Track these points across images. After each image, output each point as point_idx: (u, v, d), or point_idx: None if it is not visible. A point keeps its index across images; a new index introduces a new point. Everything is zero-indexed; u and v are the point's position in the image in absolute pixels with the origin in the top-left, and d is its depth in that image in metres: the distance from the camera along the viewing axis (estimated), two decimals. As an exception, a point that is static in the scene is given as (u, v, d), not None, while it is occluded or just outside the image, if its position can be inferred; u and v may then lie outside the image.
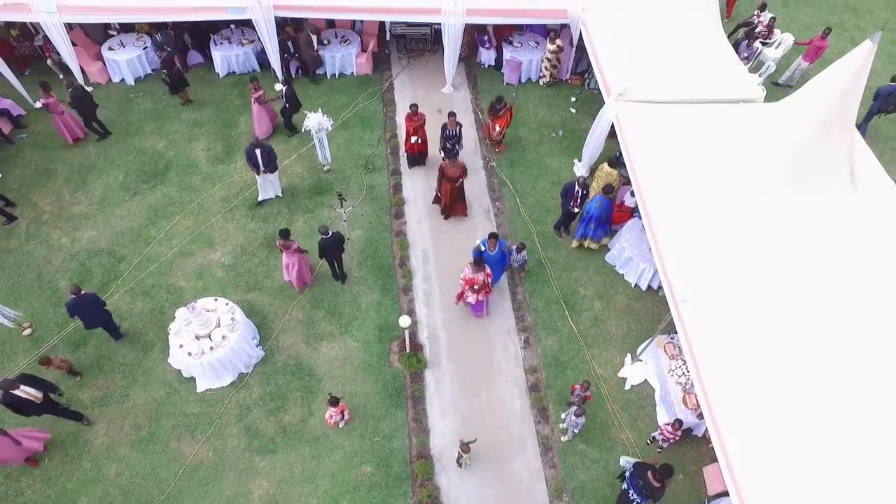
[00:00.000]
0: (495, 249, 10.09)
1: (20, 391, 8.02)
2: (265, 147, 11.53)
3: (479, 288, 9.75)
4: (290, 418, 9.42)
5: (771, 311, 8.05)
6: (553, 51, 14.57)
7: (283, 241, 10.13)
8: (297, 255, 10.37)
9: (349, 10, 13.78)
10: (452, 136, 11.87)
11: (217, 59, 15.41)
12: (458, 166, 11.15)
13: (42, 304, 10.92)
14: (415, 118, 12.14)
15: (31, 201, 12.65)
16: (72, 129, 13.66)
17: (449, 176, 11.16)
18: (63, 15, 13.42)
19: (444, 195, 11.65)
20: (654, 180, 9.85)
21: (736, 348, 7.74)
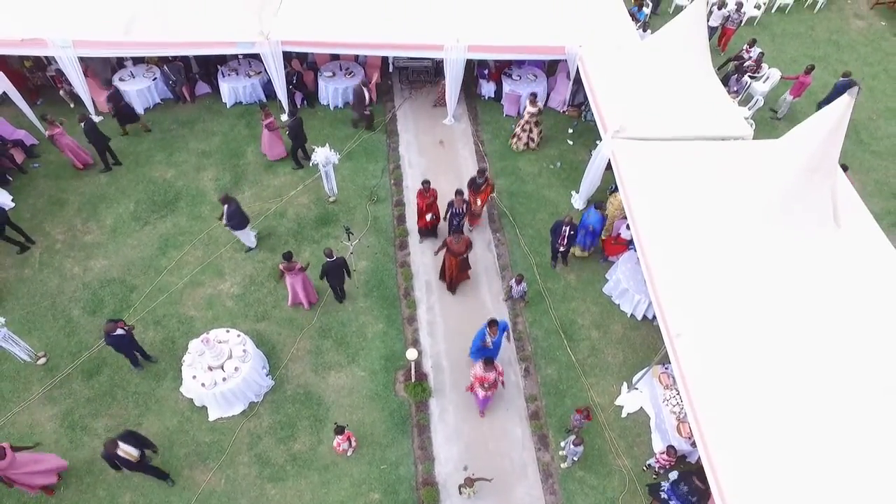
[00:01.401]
0: (497, 335, 9.88)
1: (120, 450, 8.22)
2: (231, 205, 11.57)
3: (490, 385, 9.46)
4: (299, 446, 9.74)
5: (760, 345, 8.50)
6: (533, 113, 14.19)
7: (286, 264, 10.63)
8: (300, 275, 10.86)
9: (355, 45, 14.29)
10: (458, 213, 11.82)
11: (224, 90, 15.86)
12: (462, 242, 11.06)
13: (55, 333, 11.22)
14: (426, 194, 11.87)
15: (44, 230, 12.99)
16: (79, 155, 14.05)
17: (454, 251, 11.03)
18: (77, 49, 13.87)
19: (448, 269, 11.54)
20: (648, 215, 10.31)
21: (727, 380, 8.17)
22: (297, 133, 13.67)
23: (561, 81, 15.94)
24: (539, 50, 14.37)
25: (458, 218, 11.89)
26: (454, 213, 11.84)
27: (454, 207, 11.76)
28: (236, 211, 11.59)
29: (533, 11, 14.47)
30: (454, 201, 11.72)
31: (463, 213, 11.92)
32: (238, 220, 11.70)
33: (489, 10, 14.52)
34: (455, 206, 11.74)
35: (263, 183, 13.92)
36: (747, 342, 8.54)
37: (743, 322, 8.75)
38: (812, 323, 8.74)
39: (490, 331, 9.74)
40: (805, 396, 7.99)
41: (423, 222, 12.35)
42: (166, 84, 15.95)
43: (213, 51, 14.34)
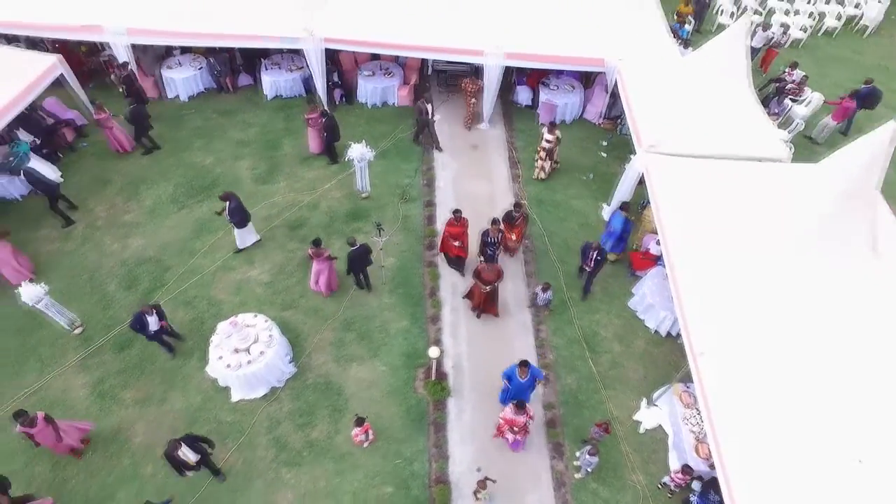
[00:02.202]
0: (526, 377, 9.40)
1: (181, 452, 8.43)
2: (232, 201, 11.76)
3: (520, 430, 9.24)
4: (317, 434, 9.90)
5: (787, 370, 8.38)
6: (550, 141, 13.80)
7: (314, 249, 10.96)
8: (326, 263, 11.17)
9: (396, 46, 14.54)
10: (493, 242, 11.42)
11: (266, 83, 16.28)
12: (494, 270, 10.77)
13: (92, 306, 11.61)
14: (457, 224, 11.50)
15: (88, 207, 13.49)
16: (120, 143, 14.64)
17: (484, 279, 10.76)
18: (131, 37, 14.38)
19: (476, 295, 11.24)
20: (679, 232, 10.27)
21: (750, 403, 8.07)
22: (331, 129, 13.92)
23: (598, 93, 15.96)
24: (578, 61, 14.44)
25: (492, 248, 11.45)
26: (489, 243, 11.41)
27: (489, 237, 11.37)
28: (237, 208, 11.79)
29: (573, 22, 14.58)
30: (489, 230, 11.36)
31: (498, 243, 11.51)
32: (239, 217, 11.89)
33: (529, 18, 14.67)
34: (490, 235, 11.36)
35: (297, 175, 14.23)
36: (773, 366, 8.42)
37: (770, 346, 8.64)
38: (843, 352, 8.59)
39: (520, 371, 9.31)
40: (831, 427, 7.85)
41: (451, 251, 11.92)
42: (211, 74, 16.44)
43: (258, 44, 14.75)
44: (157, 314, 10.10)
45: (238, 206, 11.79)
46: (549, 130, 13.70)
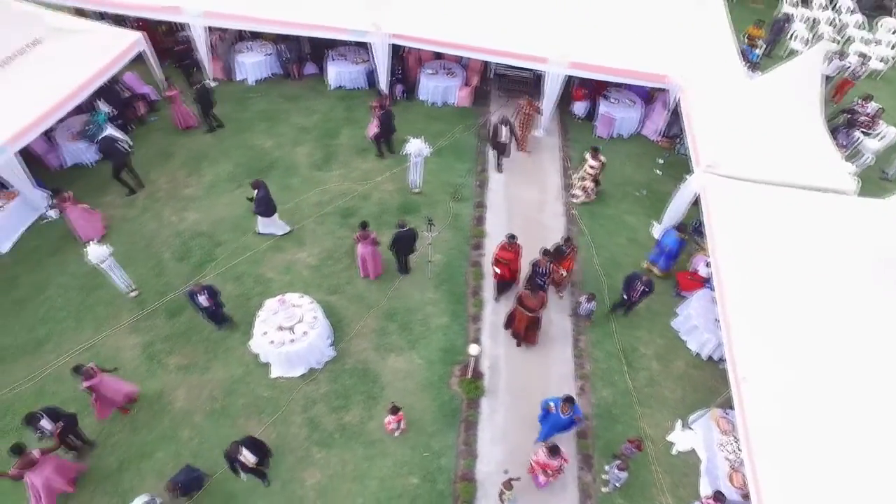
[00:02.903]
0: (568, 414, 8.96)
1: (241, 455, 8.64)
2: (261, 190, 12.00)
3: (553, 472, 8.93)
4: (350, 418, 10.06)
5: (832, 405, 8.14)
6: (594, 167, 13.52)
7: (361, 232, 11.23)
8: (371, 247, 11.41)
9: (461, 46, 14.70)
10: (543, 273, 11.05)
11: (331, 73, 16.68)
12: (538, 298, 10.48)
13: (147, 272, 12.09)
14: (510, 249, 11.21)
15: (151, 178, 14.06)
16: (184, 119, 15.24)
17: (527, 306, 10.50)
18: (207, 19, 14.96)
19: (517, 321, 10.95)
20: (732, 256, 10.09)
21: (793, 435, 7.87)
22: (386, 124, 14.11)
23: (658, 110, 15.78)
24: (641, 75, 14.32)
25: (542, 278, 11.05)
26: (539, 273, 11.04)
27: (539, 267, 11.01)
28: (265, 197, 12.04)
29: (639, 35, 14.43)
30: (539, 262, 11.02)
31: (548, 274, 11.13)
32: (265, 206, 12.12)
33: (595, 28, 14.61)
34: (540, 266, 11.00)
35: (352, 165, 14.52)
36: (819, 399, 8.20)
37: (817, 378, 8.41)
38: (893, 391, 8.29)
39: (563, 406, 8.88)
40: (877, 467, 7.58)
41: (499, 274, 11.59)
42: (278, 60, 16.95)
43: (327, 35, 15.11)
44: (207, 294, 10.39)
45: (266, 196, 12.03)
46: (592, 156, 13.43)
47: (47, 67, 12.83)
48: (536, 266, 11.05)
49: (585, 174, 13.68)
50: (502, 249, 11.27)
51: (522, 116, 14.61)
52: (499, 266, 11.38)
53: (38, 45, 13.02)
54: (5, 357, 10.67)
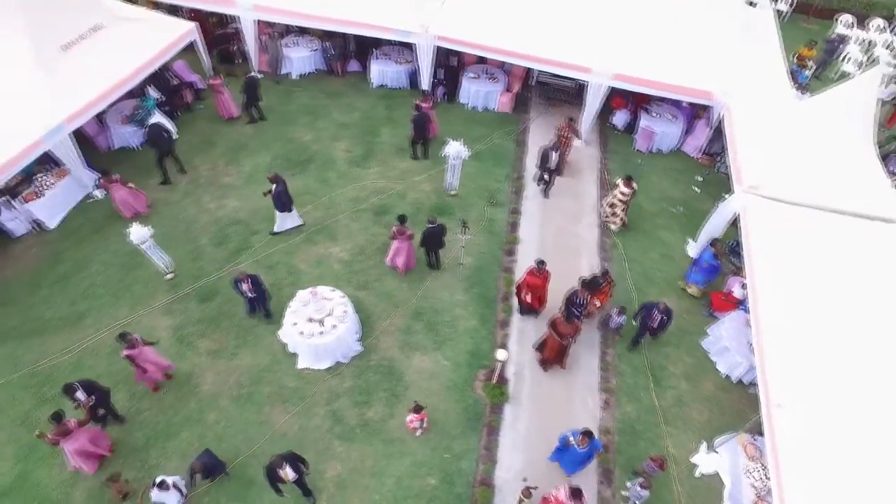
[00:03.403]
0: (585, 447, 8.82)
1: (282, 471, 8.52)
2: (279, 185, 12.03)
3: None
4: (372, 414, 10.12)
5: (868, 436, 7.90)
6: (626, 194, 13.02)
7: (398, 227, 11.40)
8: (406, 242, 11.56)
9: (505, 52, 14.71)
10: (581, 303, 10.72)
11: (374, 71, 16.86)
12: (572, 325, 10.28)
13: (184, 256, 12.36)
14: (538, 274, 10.94)
15: (193, 165, 14.40)
16: (227, 109, 15.55)
17: (560, 331, 10.26)
18: (257, 12, 15.28)
19: (549, 348, 10.67)
20: (769, 280, 9.88)
21: (825, 466, 7.66)
22: (418, 124, 14.11)
23: (700, 126, 15.56)
24: (685, 91, 14.11)
25: (579, 309, 10.72)
26: (576, 303, 10.68)
27: (577, 297, 10.68)
28: (283, 192, 12.12)
29: (685, 50, 14.19)
30: (577, 292, 10.71)
31: (585, 305, 10.82)
32: (282, 201, 12.21)
33: (640, 40, 14.43)
34: (578, 296, 10.67)
35: (390, 163, 14.64)
36: (854, 430, 7.96)
37: (854, 410, 8.16)
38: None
39: (580, 439, 8.73)
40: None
41: (524, 299, 11.36)
42: (323, 56, 17.20)
43: (374, 33, 15.30)
44: (250, 282, 10.57)
45: (284, 191, 12.12)
46: (625, 183, 12.94)
47: (105, 52, 13.30)
48: (574, 296, 10.70)
49: (616, 200, 13.24)
50: (530, 275, 11.00)
51: (561, 140, 14.18)
52: (526, 291, 11.15)
53: (99, 31, 13.47)
54: (47, 328, 11.04)
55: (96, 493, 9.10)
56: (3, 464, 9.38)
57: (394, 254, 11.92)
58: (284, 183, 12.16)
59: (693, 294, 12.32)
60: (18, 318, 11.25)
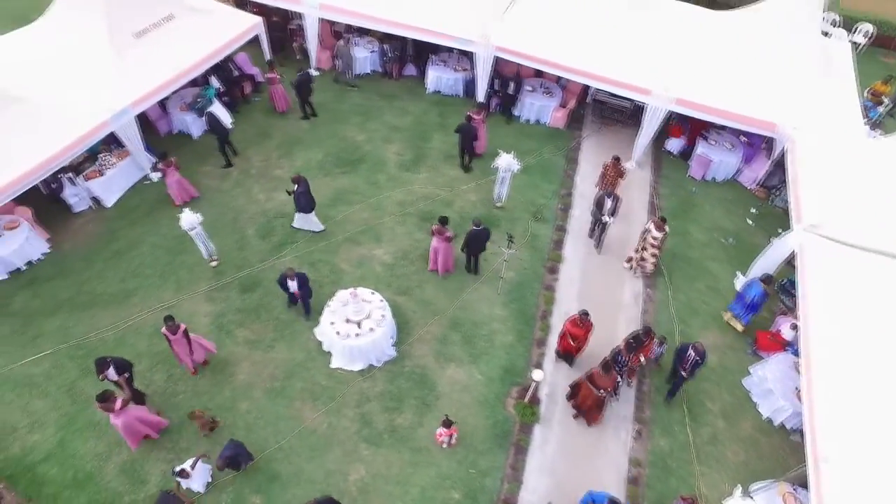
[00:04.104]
0: None
1: None
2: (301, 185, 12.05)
3: None
4: (401, 421, 10.09)
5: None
6: (657, 238, 12.03)
7: (438, 227, 11.39)
8: (445, 243, 11.54)
9: (563, 67, 14.56)
10: (623, 362, 10.08)
11: (430, 76, 16.93)
12: (610, 378, 9.67)
13: (229, 244, 12.61)
14: (581, 325, 10.35)
15: (247, 155, 14.70)
16: (280, 102, 15.84)
17: (596, 383, 9.74)
18: (322, 11, 15.53)
19: (583, 398, 10.15)
20: (825, 325, 9.47)
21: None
22: (464, 134, 13.99)
23: (758, 158, 15.12)
24: (748, 121, 13.69)
25: (621, 367, 10.10)
26: (618, 362, 10.07)
27: (621, 356, 10.07)
28: (304, 193, 12.14)
29: (751, 78, 13.80)
30: (621, 351, 10.11)
31: (628, 364, 10.24)
32: (304, 202, 12.22)
33: (703, 65, 14.12)
34: (622, 355, 10.07)
35: (440, 170, 14.65)
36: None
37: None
38: None
39: None
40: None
41: (563, 345, 10.88)
42: (381, 58, 17.33)
43: (434, 39, 15.33)
44: (297, 281, 10.67)
45: (305, 192, 12.14)
46: (657, 226, 11.93)
47: (174, 41, 13.75)
48: (618, 354, 10.12)
49: (647, 244, 12.26)
50: (573, 325, 10.45)
51: (607, 179, 13.44)
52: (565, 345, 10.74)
53: (171, 21, 13.93)
54: (97, 303, 11.41)
55: (128, 469, 9.33)
56: (47, 430, 9.71)
57: (434, 254, 11.93)
58: (307, 184, 12.24)
59: (737, 328, 11.92)
60: (72, 290, 11.65)
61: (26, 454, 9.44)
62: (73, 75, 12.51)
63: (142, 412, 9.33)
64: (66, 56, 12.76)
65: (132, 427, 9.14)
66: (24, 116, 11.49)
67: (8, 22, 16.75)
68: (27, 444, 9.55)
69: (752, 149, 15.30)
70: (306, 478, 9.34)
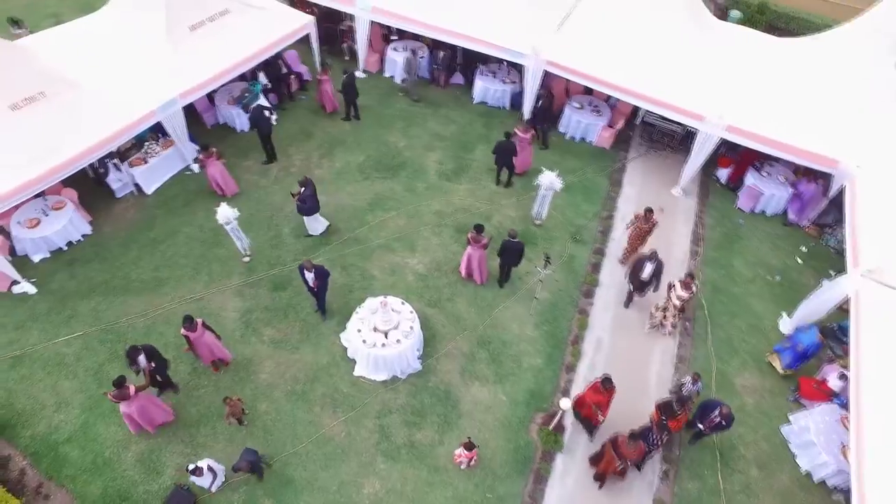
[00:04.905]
0: None
1: None
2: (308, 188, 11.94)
3: None
4: (421, 437, 9.85)
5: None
6: (682, 299, 10.96)
7: (474, 234, 11.21)
8: (480, 251, 11.37)
9: (614, 86, 14.14)
10: (653, 442, 9.07)
11: (477, 86, 16.74)
12: (637, 449, 8.88)
13: (263, 241, 12.61)
14: (604, 392, 9.37)
15: (287, 153, 14.74)
16: (329, 101, 15.84)
17: (621, 452, 8.98)
18: (374, 14, 15.51)
19: (604, 464, 9.36)
20: (880, 380, 8.88)
21: None
22: (502, 153, 13.65)
23: (813, 193, 14.39)
24: (806, 155, 13.01)
25: (652, 446, 9.13)
26: (648, 440, 9.05)
27: (652, 435, 9.05)
28: (310, 195, 12.01)
29: (813, 110, 13.13)
30: (653, 429, 9.09)
31: (660, 443, 9.21)
32: (309, 204, 12.08)
33: (763, 94, 13.55)
34: (654, 434, 9.04)
35: (480, 182, 14.42)
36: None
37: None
38: None
39: None
40: None
41: (584, 411, 9.95)
42: (428, 64, 17.21)
43: (484, 49, 15.09)
44: (315, 274, 10.48)
45: (311, 194, 12.02)
46: (684, 285, 10.88)
47: (227, 35, 13.93)
48: (648, 433, 9.09)
49: (669, 304, 11.30)
50: (594, 391, 9.48)
51: (636, 229, 12.29)
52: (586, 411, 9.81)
53: (226, 15, 14.08)
54: (130, 289, 11.54)
55: (145, 459, 9.33)
56: (72, 411, 9.81)
57: (466, 261, 11.72)
58: (313, 186, 12.14)
59: (778, 370, 11.33)
60: (108, 273, 11.80)
61: (51, 433, 9.56)
62: (127, 64, 12.78)
63: (155, 399, 9.44)
64: (123, 45, 13.05)
65: (147, 412, 9.21)
66: (78, 101, 11.74)
67: (76, 10, 17.35)
68: (53, 423, 9.67)
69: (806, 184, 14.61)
70: (319, 486, 9.19)
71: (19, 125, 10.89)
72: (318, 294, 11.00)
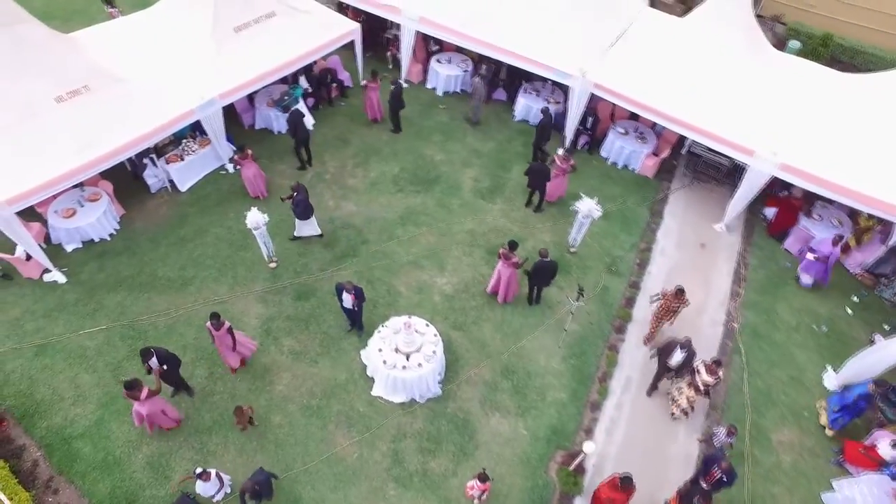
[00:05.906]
0: None
1: None
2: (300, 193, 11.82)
3: None
4: (434, 466, 9.47)
5: None
6: (708, 384, 9.78)
7: (506, 251, 10.88)
8: (511, 269, 11.01)
9: (661, 114, 13.60)
10: None
11: (519, 104, 16.40)
12: None
13: (290, 249, 12.47)
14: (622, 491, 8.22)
15: (322, 159, 14.62)
16: (374, 110, 15.65)
17: None
18: (420, 24, 15.32)
19: None
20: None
21: None
22: (535, 176, 13.23)
23: (871, 241, 13.57)
24: (867, 200, 12.11)
25: None
26: None
27: None
28: (302, 200, 11.79)
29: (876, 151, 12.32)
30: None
31: None
32: (301, 209, 11.88)
33: (820, 131, 12.80)
34: None
35: (516, 203, 14.02)
36: None
37: None
38: None
39: None
40: None
41: None
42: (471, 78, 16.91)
43: (530, 67, 14.74)
44: (354, 295, 10.18)
45: (303, 200, 11.83)
46: (710, 370, 9.73)
47: (272, 38, 13.86)
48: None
49: (691, 386, 10.07)
50: (611, 487, 8.47)
51: (663, 308, 11.08)
52: None
53: (272, 18, 14.03)
54: (155, 286, 11.51)
55: (154, 462, 9.19)
56: (88, 406, 9.77)
57: (495, 279, 11.39)
58: (306, 192, 11.98)
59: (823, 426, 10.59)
60: (135, 269, 11.80)
61: (66, 426, 9.53)
62: (171, 61, 12.86)
63: (166, 404, 9.31)
64: (169, 42, 13.16)
65: (155, 417, 9.11)
66: (120, 96, 11.76)
67: (130, 5, 17.68)
68: (69, 417, 9.64)
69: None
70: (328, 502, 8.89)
71: (63, 117, 11.00)
72: (357, 314, 10.76)
